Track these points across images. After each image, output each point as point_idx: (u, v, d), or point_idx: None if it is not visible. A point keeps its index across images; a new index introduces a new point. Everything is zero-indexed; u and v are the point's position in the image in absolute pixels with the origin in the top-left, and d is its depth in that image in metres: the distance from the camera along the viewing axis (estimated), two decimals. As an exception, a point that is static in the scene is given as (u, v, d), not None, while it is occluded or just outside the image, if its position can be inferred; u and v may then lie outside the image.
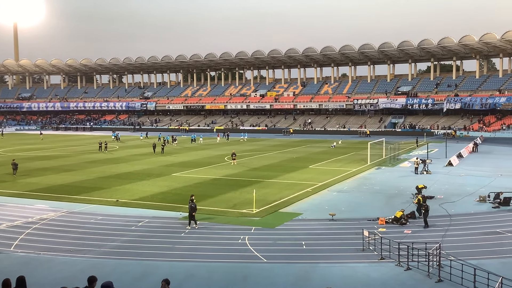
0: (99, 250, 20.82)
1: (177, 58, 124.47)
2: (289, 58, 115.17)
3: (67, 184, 37.68)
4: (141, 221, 25.71)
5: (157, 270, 18.33)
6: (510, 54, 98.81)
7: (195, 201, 25.50)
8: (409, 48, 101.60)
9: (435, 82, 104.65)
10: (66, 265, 19.11)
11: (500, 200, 28.64)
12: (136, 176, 41.19)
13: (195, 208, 24.61)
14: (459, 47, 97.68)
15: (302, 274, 18.09)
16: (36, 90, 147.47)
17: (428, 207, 24.49)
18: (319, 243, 21.60)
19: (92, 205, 29.88)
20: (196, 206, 24.93)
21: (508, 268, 18.08)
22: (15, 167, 42.48)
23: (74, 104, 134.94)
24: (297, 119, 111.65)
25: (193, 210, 24.39)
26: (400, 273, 17.89)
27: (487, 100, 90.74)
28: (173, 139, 74.34)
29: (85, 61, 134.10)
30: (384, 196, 32.13)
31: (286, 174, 41.75)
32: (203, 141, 77.07)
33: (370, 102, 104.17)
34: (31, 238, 22.72)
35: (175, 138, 75.59)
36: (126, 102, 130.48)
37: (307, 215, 26.82)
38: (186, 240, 22.37)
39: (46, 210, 28.49)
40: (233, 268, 18.65)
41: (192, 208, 24.37)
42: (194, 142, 76.00)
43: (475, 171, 42.70)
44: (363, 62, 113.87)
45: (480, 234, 22.75)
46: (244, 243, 21.61)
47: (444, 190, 33.68)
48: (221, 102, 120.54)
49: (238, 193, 33.30)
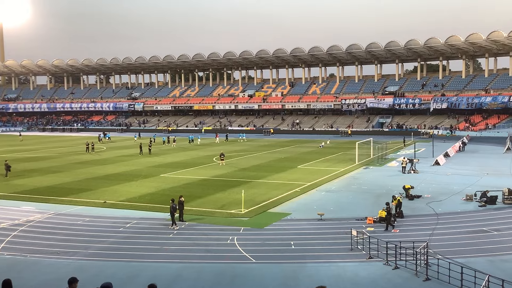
0: (86, 252, 20.65)
1: (164, 59, 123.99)
2: (277, 58, 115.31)
3: (54, 185, 37.35)
4: (129, 222, 25.57)
5: (145, 272, 18.24)
6: (495, 54, 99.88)
7: (184, 201, 25.57)
8: (396, 48, 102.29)
9: (422, 82, 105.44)
10: (53, 267, 18.93)
11: (487, 199, 28.90)
12: (124, 177, 40.95)
13: (176, 208, 24.66)
14: (445, 47, 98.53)
15: (291, 274, 18.10)
16: (22, 91, 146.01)
17: (390, 209, 24.10)
18: (308, 243, 21.62)
19: (79, 207, 29.64)
20: (177, 206, 24.85)
21: (494, 266, 18.25)
22: (8, 168, 42.21)
23: (61, 105, 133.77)
24: (286, 119, 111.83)
25: (174, 210, 24.45)
26: (388, 272, 17.98)
27: (473, 100, 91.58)
28: (173, 140, 74.13)
29: (71, 62, 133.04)
30: (372, 195, 32.27)
31: (275, 174, 41.77)
32: (200, 141, 76.80)
33: (358, 102, 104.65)
34: (17, 241, 22.46)
35: (174, 139, 75.25)
36: (113, 102, 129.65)
37: (296, 215, 26.85)
38: (174, 241, 22.27)
39: (32, 212, 28.20)
40: (222, 269, 18.60)
41: (173, 208, 24.44)
42: (192, 142, 75.57)
43: (461, 170, 43.08)
44: (351, 62, 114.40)
45: (467, 232, 22.95)
46: (233, 244, 21.57)
47: (431, 189, 33.92)
48: (209, 102, 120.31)
49: (227, 193, 33.25)
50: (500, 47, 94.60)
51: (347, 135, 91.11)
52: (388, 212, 23.81)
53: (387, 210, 23.83)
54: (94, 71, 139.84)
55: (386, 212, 23.79)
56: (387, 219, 23.72)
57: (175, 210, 24.56)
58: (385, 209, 23.98)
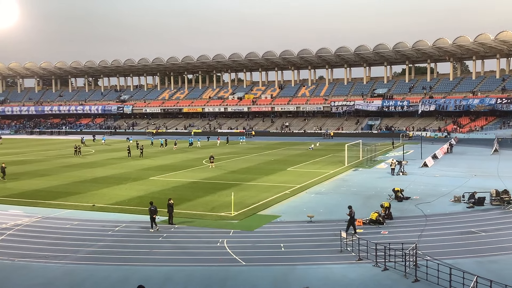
0: (76, 256, 20.50)
1: (154, 61, 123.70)
2: (267, 60, 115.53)
3: (41, 189, 37.04)
4: (118, 225, 25.44)
5: (135, 275, 18.14)
6: (483, 57, 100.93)
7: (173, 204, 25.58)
8: (385, 51, 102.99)
9: (410, 85, 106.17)
10: (41, 272, 18.76)
11: (475, 200, 29.16)
12: (113, 180, 40.72)
13: (155, 211, 24.62)
14: (433, 50, 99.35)
15: (281, 276, 18.11)
16: (10, 93, 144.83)
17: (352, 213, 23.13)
18: (298, 245, 21.66)
19: (68, 210, 29.42)
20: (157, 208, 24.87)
21: (483, 267, 18.40)
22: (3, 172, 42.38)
23: (49, 108, 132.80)
24: (275, 122, 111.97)
25: (152, 213, 24.44)
26: (378, 274, 18.06)
27: (461, 102, 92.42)
28: (174, 143, 74.05)
29: (59, 64, 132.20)
30: (361, 197, 32.40)
31: (265, 177, 41.79)
32: (200, 144, 76.54)
33: (347, 104, 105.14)
34: (5, 245, 22.24)
35: (175, 142, 74.87)
36: (102, 105, 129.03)
37: (286, 217, 26.88)
38: (164, 244, 22.19)
39: (20, 216, 27.95)
40: (212, 272, 18.57)
41: (151, 211, 24.43)
42: (192, 145, 75.21)
43: (449, 172, 43.41)
44: (340, 65, 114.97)
45: (455, 234, 23.11)
46: (223, 246, 21.54)
47: (420, 191, 34.14)
48: (199, 105, 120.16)
49: (216, 196, 33.20)
50: (488, 49, 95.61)
51: (330, 137, 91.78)
52: (351, 216, 23.00)
53: (349, 214, 23.04)
54: (82, 73, 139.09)
55: (349, 217, 23.00)
56: (349, 223, 22.93)
57: (153, 212, 24.50)
58: (348, 213, 23.20)
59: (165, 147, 73.51)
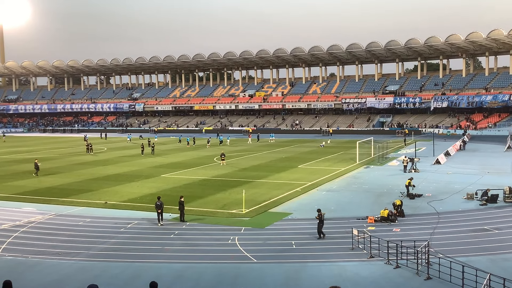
0: (88, 253, 20.67)
1: (165, 59, 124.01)
2: (277, 58, 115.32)
3: (55, 186, 37.37)
4: (130, 223, 25.59)
5: (146, 272, 18.25)
6: (496, 53, 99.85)
7: (184, 201, 25.70)
8: (396, 47, 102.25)
9: (422, 81, 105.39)
10: (54, 269, 18.94)
11: (488, 198, 28.90)
12: (124, 178, 40.96)
13: (160, 206, 25.04)
14: (445, 46, 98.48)
15: (292, 273, 18.11)
16: (23, 92, 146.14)
17: (322, 216, 22.15)
18: (309, 243, 21.63)
19: (81, 208, 29.66)
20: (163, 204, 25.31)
21: (496, 264, 18.25)
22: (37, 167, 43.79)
23: (62, 106, 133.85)
24: (286, 119, 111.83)
25: (158, 208, 24.95)
26: (390, 271, 17.98)
27: (474, 99, 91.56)
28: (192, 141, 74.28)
29: (72, 63, 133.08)
30: (373, 194, 32.27)
31: (276, 174, 41.77)
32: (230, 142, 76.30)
33: (358, 101, 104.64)
34: (18, 242, 22.49)
35: (208, 140, 74.42)
36: (114, 103, 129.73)
37: (297, 215, 26.86)
38: (175, 241, 22.29)
39: (34, 213, 28.23)
40: (223, 269, 18.61)
41: (157, 206, 25.01)
42: (222, 143, 74.98)
43: (462, 169, 43.06)
44: (351, 62, 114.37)
45: (468, 231, 22.94)
46: (234, 244, 21.59)
47: (432, 188, 33.92)
48: (210, 102, 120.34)
49: (228, 193, 33.26)
50: (501, 45, 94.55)
51: (329, 134, 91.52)
52: (320, 219, 22.10)
53: (318, 218, 22.09)
54: (94, 71, 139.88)
55: (318, 220, 22.08)
56: (319, 227, 22.19)
57: (158, 207, 24.97)
58: (317, 216, 22.24)
59: (193, 144, 73.06)
